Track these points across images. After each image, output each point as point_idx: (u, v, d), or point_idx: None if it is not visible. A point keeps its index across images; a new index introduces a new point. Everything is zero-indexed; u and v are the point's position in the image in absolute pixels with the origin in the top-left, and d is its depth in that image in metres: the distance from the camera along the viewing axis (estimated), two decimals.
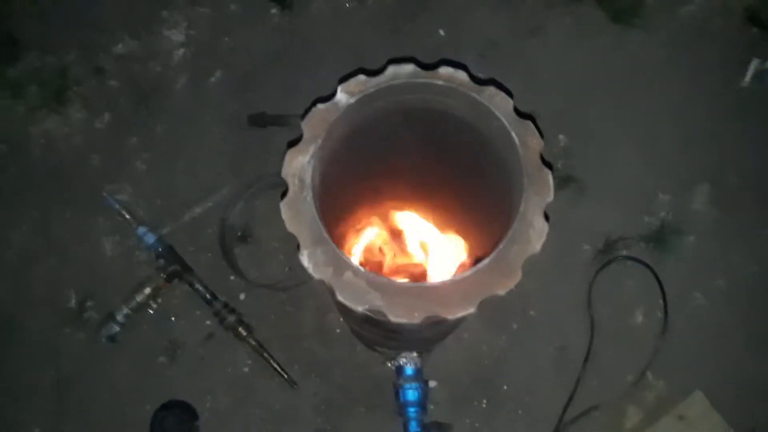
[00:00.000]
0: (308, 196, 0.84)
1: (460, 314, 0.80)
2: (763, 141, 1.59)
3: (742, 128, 1.59)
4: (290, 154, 0.87)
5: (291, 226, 0.83)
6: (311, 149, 0.86)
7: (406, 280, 1.34)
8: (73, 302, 1.45)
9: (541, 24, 1.66)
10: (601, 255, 1.50)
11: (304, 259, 0.83)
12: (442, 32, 1.64)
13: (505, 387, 1.42)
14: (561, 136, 1.58)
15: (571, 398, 1.40)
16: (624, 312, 1.47)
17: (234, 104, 1.58)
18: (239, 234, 1.50)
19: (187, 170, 1.55)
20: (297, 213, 0.84)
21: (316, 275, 0.82)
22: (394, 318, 0.80)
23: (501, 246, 0.83)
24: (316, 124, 0.88)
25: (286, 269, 1.45)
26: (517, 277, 0.82)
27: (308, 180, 0.85)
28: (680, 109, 1.61)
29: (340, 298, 0.80)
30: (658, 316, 1.46)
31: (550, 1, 1.66)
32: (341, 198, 1.05)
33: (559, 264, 1.46)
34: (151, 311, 1.45)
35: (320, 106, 0.90)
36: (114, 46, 1.60)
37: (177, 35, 1.61)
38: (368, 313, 0.82)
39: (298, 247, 0.84)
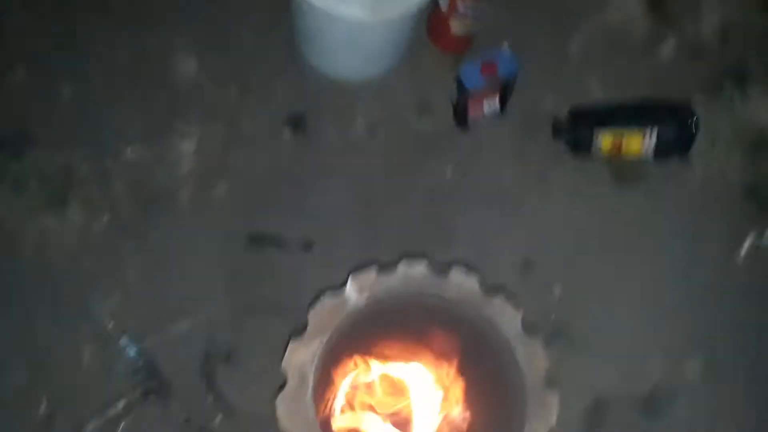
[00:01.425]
0: (308, 395, 0.82)
1: None
2: (756, 317, 1.60)
3: (735, 302, 1.61)
4: (293, 346, 0.86)
5: (286, 424, 0.81)
6: (315, 345, 0.85)
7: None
8: (42, 410, 1.40)
9: (547, 176, 1.69)
10: (590, 415, 1.48)
11: None
12: (449, 173, 1.66)
13: None
14: (556, 288, 1.58)
15: None
16: None
17: (235, 220, 1.57)
18: (224, 354, 1.46)
19: (179, 282, 1.52)
20: (294, 411, 0.83)
21: None
22: None
23: None
24: (323, 317, 0.87)
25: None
26: None
27: (310, 379, 0.83)
28: (677, 274, 1.62)
29: None
30: None
31: (557, 154, 1.69)
32: (335, 369, 1.03)
33: None
34: (121, 429, 1.39)
35: (328, 299, 0.89)
36: (123, 151, 1.60)
37: (188, 146, 1.61)
38: None
39: None
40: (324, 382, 0.91)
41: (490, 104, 1.66)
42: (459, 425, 1.26)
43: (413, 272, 0.91)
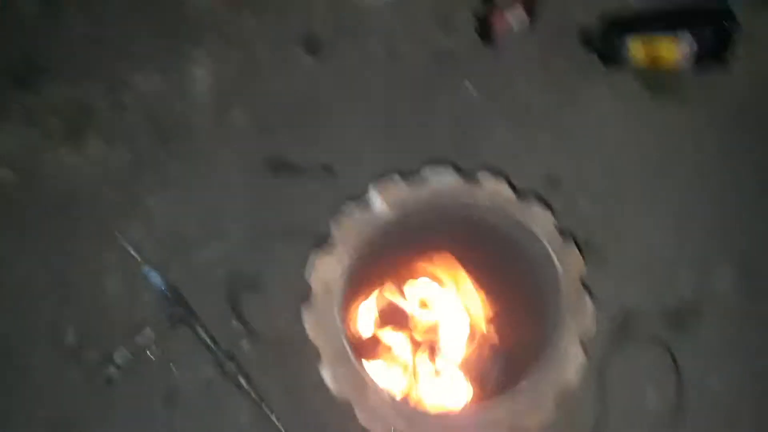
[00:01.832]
0: (336, 308, 0.80)
1: None
2: None
3: None
4: (319, 258, 0.83)
5: (313, 335, 0.79)
6: (343, 260, 0.82)
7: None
8: (71, 339, 1.42)
9: (575, 89, 1.63)
10: (618, 330, 1.48)
11: (326, 376, 0.79)
12: (474, 92, 1.61)
13: None
14: (584, 203, 1.56)
15: None
16: (637, 390, 1.45)
17: (254, 148, 1.55)
18: (247, 281, 1.47)
19: (201, 211, 1.51)
20: (321, 323, 0.80)
21: (338, 394, 0.78)
22: None
23: (533, 374, 0.77)
24: (348, 230, 0.84)
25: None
26: (548, 410, 0.76)
27: (338, 292, 0.80)
28: (712, 187, 1.59)
29: (361, 420, 0.76)
30: (671, 397, 1.44)
31: (587, 67, 1.63)
32: (363, 285, 1.01)
33: None
34: (151, 355, 1.41)
35: (351, 210, 0.86)
36: (139, 81, 1.57)
37: (204, 74, 1.58)
38: None
39: (318, 356, 0.80)
40: (351, 295, 0.88)
41: (516, 16, 1.59)
42: (490, 338, 1.25)
43: (440, 179, 0.87)
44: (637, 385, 1.45)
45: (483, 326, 1.29)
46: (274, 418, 1.37)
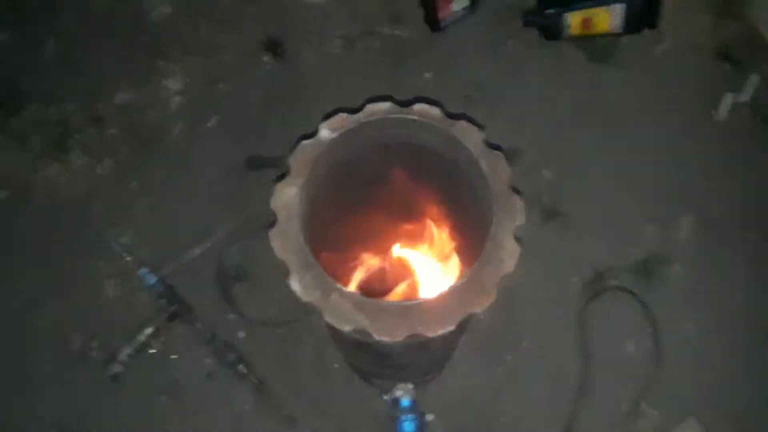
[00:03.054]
0: (295, 224, 0.89)
1: (440, 332, 0.84)
2: (742, 172, 1.63)
3: (721, 160, 1.64)
4: (279, 187, 0.93)
5: (280, 252, 0.88)
6: (299, 182, 0.92)
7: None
8: (77, 344, 1.48)
9: (521, 65, 1.73)
10: (590, 286, 1.52)
11: (294, 283, 0.88)
12: (428, 75, 1.71)
13: (502, 419, 1.43)
14: (545, 171, 1.63)
15: (567, 430, 1.41)
16: (616, 342, 1.49)
17: (230, 148, 1.64)
18: (237, 273, 1.53)
19: (186, 212, 1.59)
20: (285, 241, 0.89)
21: (305, 298, 0.87)
22: (377, 336, 0.84)
23: (475, 266, 0.88)
24: (302, 159, 0.94)
25: None
26: (492, 296, 0.87)
27: (296, 209, 0.90)
28: (660, 143, 1.66)
29: (327, 319, 0.85)
30: (649, 346, 1.47)
31: (530, 42, 1.73)
32: (331, 230, 1.09)
33: (549, 296, 1.50)
34: (153, 351, 1.47)
35: (305, 142, 0.96)
36: (113, 96, 1.67)
37: (174, 84, 1.68)
38: (354, 334, 0.86)
39: (287, 273, 0.88)
40: (312, 217, 0.97)
41: (459, 2, 1.70)
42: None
43: (379, 108, 0.97)
44: (616, 337, 1.49)
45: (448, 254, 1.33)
46: (275, 401, 1.42)
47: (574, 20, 1.68)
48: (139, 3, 1.75)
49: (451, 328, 0.84)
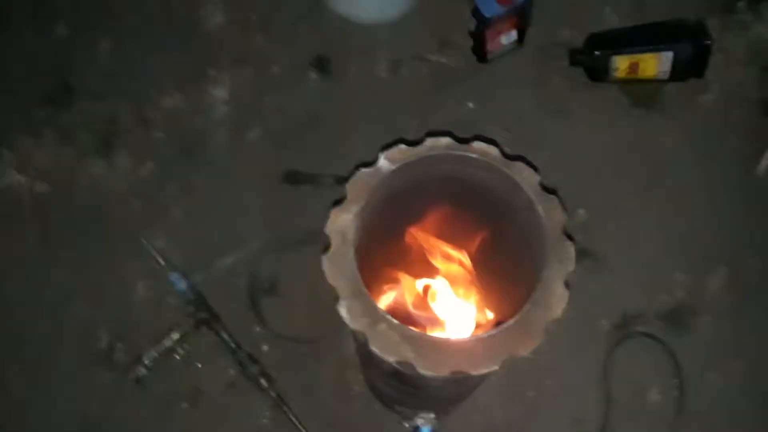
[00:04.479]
0: (350, 252, 0.90)
1: (484, 371, 0.85)
2: None
3: (759, 216, 1.64)
4: (334, 213, 0.94)
5: (332, 278, 0.89)
6: (354, 209, 0.93)
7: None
8: (104, 343, 1.49)
9: (565, 103, 1.74)
10: (617, 330, 1.52)
11: (342, 310, 0.88)
12: (471, 105, 1.72)
13: None
14: (581, 211, 1.62)
15: None
16: (640, 388, 1.48)
17: (270, 161, 1.65)
18: (267, 286, 1.54)
19: (222, 221, 1.60)
20: (338, 267, 0.90)
21: (353, 325, 0.87)
22: (422, 371, 0.84)
23: (525, 309, 0.88)
24: (360, 187, 0.95)
25: None
26: (539, 338, 0.87)
27: (351, 237, 0.91)
28: (699, 192, 1.66)
29: (373, 348, 0.85)
30: (673, 395, 1.47)
31: (574, 82, 1.74)
32: (378, 255, 1.10)
33: (576, 336, 1.49)
34: (178, 357, 1.48)
35: (364, 170, 0.97)
36: (162, 99, 1.69)
37: (221, 92, 1.70)
38: (397, 366, 0.87)
39: (336, 298, 0.89)
40: (366, 242, 0.98)
41: (508, 36, 1.71)
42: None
43: (439, 143, 0.99)
44: (640, 383, 1.48)
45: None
46: (293, 418, 1.42)
47: (621, 63, 1.68)
48: (196, 10, 1.77)
49: (496, 368, 0.85)
